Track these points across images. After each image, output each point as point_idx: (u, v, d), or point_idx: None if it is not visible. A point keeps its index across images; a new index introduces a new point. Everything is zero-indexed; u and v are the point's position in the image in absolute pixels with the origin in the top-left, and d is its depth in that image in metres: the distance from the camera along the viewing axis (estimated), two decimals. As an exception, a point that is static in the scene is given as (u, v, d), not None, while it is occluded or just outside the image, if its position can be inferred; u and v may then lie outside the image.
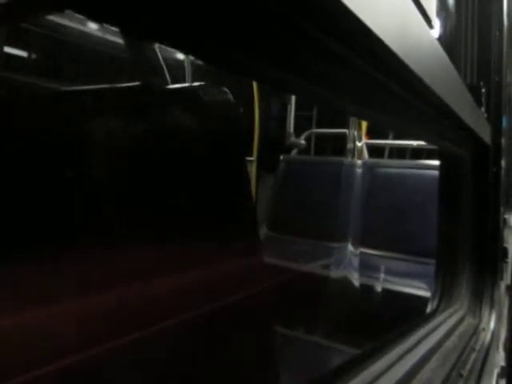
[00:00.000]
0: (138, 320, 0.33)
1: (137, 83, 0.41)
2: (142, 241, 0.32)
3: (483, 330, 1.21)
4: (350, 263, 2.03)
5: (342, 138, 2.47)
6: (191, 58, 2.27)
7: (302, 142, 3.05)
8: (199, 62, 2.45)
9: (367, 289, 1.97)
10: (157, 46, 0.48)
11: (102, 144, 0.32)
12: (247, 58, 0.35)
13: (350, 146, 2.21)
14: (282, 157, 2.71)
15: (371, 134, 2.58)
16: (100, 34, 2.01)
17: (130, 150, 0.35)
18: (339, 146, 2.71)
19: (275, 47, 0.34)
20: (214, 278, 0.37)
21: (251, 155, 2.97)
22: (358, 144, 2.21)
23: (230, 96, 0.42)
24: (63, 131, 0.31)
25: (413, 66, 0.44)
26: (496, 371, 1.08)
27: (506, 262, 1.52)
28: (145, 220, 0.33)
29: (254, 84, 2.94)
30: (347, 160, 2.23)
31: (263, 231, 2.39)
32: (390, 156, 3.36)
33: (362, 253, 2.08)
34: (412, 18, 0.44)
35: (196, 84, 0.45)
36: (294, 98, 3.04)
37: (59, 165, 0.30)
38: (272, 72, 0.38)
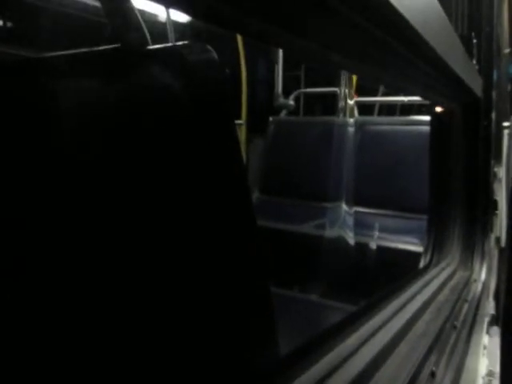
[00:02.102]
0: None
1: (114, 45, 0.39)
2: (128, 211, 0.31)
3: (474, 281, 1.24)
4: (344, 222, 2.05)
5: (331, 98, 2.42)
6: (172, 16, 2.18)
7: (291, 102, 3.00)
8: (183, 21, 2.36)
9: (362, 247, 1.99)
10: (135, 3, 0.45)
11: (80, 112, 0.30)
12: (236, 12, 0.33)
13: (341, 104, 2.16)
14: (271, 118, 2.66)
15: (358, 93, 2.53)
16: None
17: (112, 117, 0.33)
18: (328, 105, 2.66)
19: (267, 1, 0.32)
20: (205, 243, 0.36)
21: (240, 118, 2.92)
22: (350, 102, 2.17)
23: (215, 55, 0.40)
24: (37, 100, 0.29)
25: (406, 14, 0.42)
26: (487, 320, 1.11)
27: (496, 215, 1.54)
28: (129, 187, 0.31)
29: (240, 45, 2.85)
30: (338, 119, 2.19)
31: (255, 195, 2.38)
32: (380, 114, 3.32)
33: (356, 211, 2.09)
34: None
35: (179, 43, 0.42)
36: (281, 57, 2.96)
37: (33, 134, 0.28)
38: (264, 26, 0.36)
